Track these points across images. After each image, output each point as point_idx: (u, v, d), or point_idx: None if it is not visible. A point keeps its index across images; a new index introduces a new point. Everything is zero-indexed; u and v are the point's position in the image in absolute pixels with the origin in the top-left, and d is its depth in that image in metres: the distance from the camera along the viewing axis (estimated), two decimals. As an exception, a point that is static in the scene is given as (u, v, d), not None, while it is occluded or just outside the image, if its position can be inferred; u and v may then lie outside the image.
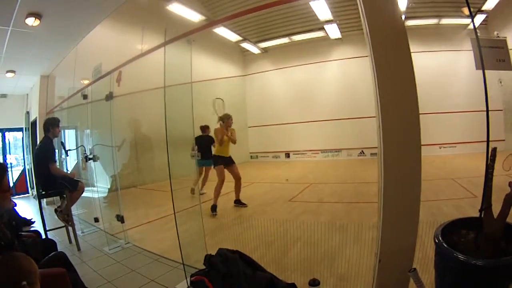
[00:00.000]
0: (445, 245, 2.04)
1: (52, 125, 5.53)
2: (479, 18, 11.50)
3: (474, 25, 3.85)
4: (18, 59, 7.96)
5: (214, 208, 6.43)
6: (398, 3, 2.47)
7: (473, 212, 2.31)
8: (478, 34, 2.96)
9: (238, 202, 7.01)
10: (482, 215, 2.21)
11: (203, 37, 10.94)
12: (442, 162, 7.92)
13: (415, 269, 2.14)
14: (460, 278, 1.99)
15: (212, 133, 7.65)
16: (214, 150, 7.25)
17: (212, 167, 7.32)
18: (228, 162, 6.91)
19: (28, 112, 11.48)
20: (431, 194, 6.41)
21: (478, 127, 3.17)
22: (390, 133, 2.38)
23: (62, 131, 7.20)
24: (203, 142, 7.72)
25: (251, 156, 15.76)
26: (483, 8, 11.07)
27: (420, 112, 2.40)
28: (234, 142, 6.96)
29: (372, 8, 2.42)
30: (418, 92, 2.40)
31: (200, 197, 5.30)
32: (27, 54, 7.71)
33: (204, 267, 2.95)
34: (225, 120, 6.97)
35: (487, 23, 12.04)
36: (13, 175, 11.93)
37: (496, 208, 2.10)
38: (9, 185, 2.92)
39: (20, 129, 12.27)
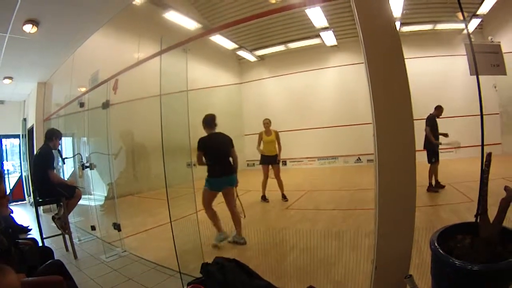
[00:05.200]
0: (441, 251, 2.04)
1: (56, 136, 5.69)
2: (474, 23, 11.52)
3: (467, 31, 3.88)
4: (15, 66, 7.95)
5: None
6: (392, 10, 2.48)
7: (471, 216, 2.31)
8: (472, 40, 2.98)
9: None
10: (478, 220, 2.22)
11: (199, 45, 10.95)
12: (439, 167, 7.92)
13: (411, 275, 2.15)
14: (456, 283, 1.99)
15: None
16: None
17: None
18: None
19: (25, 119, 11.45)
20: (428, 200, 6.41)
21: (475, 131, 3.18)
22: (385, 139, 2.39)
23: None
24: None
25: (247, 164, 15.68)
26: (478, 12, 11.09)
27: (417, 118, 2.41)
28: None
29: (366, 15, 2.44)
30: (415, 98, 2.41)
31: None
32: (24, 60, 7.70)
33: (201, 275, 2.94)
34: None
35: (483, 28, 12.08)
36: (10, 182, 11.91)
37: (494, 212, 2.10)
38: (6, 192, 2.92)
39: (17, 136, 12.24)
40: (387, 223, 2.45)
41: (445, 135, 7.64)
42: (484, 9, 10.99)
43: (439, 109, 7.69)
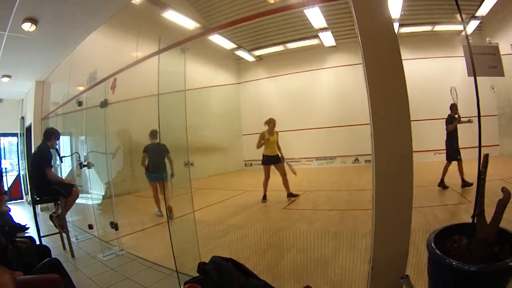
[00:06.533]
0: (438, 252, 2.04)
1: (55, 136, 5.75)
2: (473, 24, 11.53)
3: (466, 33, 3.88)
4: (14, 64, 7.94)
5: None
6: (391, 11, 2.49)
7: (468, 217, 2.31)
8: (471, 41, 2.99)
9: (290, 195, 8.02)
10: (475, 221, 2.22)
11: (198, 44, 10.93)
12: (436, 168, 7.93)
13: (407, 275, 2.15)
14: (453, 284, 1.99)
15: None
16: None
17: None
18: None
19: (23, 118, 11.44)
20: (426, 201, 6.42)
21: (472, 133, 3.18)
22: (382, 140, 2.40)
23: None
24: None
25: (245, 164, 15.70)
26: (477, 14, 11.09)
27: (415, 119, 2.42)
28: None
29: (365, 16, 2.44)
30: (413, 99, 2.41)
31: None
32: (22, 59, 7.70)
33: (197, 274, 2.94)
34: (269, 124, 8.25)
35: (481, 29, 12.09)
36: (8, 180, 11.91)
37: (491, 213, 2.11)
38: (4, 189, 2.93)
39: (15, 134, 12.24)
40: (384, 223, 2.45)
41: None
42: (483, 10, 10.99)
43: (454, 108, 7.78)
